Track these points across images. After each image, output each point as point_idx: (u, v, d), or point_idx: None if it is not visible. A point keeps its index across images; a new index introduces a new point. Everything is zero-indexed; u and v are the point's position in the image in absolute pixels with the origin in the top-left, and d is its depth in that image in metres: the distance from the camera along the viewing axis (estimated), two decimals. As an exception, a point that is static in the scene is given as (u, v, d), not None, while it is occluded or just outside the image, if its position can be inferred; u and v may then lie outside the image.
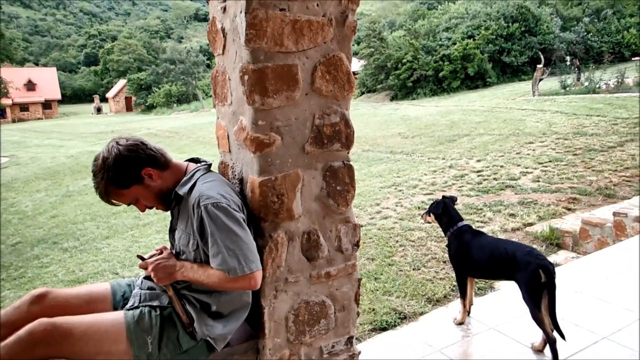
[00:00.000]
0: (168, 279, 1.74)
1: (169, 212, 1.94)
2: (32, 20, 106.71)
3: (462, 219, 2.92)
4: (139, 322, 1.72)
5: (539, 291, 2.40)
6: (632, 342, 2.57)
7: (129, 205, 1.83)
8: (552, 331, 2.40)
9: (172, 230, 1.92)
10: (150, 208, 1.87)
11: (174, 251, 1.87)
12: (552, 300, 2.38)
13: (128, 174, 1.75)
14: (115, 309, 1.87)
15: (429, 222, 3.12)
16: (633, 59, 26.38)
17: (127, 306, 1.81)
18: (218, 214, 1.65)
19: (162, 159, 1.83)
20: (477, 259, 2.73)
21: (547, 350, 2.50)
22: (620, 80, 15.82)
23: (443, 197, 3.03)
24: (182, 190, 1.80)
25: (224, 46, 1.92)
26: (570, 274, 3.53)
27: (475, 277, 2.93)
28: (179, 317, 1.77)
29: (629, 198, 5.62)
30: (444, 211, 2.95)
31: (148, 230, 7.11)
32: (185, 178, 1.84)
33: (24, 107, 52.95)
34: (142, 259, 1.79)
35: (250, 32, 1.65)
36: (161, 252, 1.82)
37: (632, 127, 9.69)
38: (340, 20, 1.83)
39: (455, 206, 3.03)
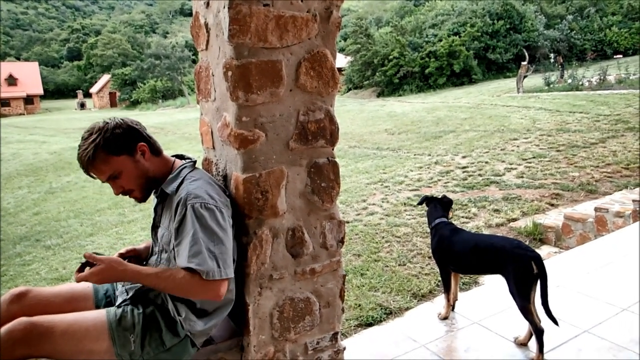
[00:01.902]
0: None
1: (152, 209, 1.92)
2: (13, 14, 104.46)
3: (441, 216, 2.94)
4: (121, 321, 1.70)
5: (530, 283, 2.42)
6: (613, 335, 2.62)
7: (107, 180, 1.76)
8: (540, 322, 2.43)
9: (154, 227, 1.91)
10: (125, 193, 1.80)
11: (157, 249, 1.85)
12: (545, 290, 2.41)
13: (125, 141, 1.74)
14: (97, 307, 1.85)
15: None
16: (615, 56, 26.85)
17: (117, 304, 1.80)
18: (204, 214, 1.63)
19: (156, 144, 1.87)
20: (459, 253, 2.75)
21: (530, 344, 2.55)
22: (602, 77, 16.08)
23: (443, 196, 3.09)
24: (170, 189, 1.78)
25: (208, 41, 1.90)
26: (553, 268, 3.57)
27: (458, 272, 2.95)
28: (162, 314, 1.75)
29: (611, 193, 5.71)
30: (427, 205, 3.02)
31: (132, 227, 7.05)
32: (172, 175, 1.82)
33: (5, 102, 51.81)
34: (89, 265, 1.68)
35: (234, 28, 1.64)
36: (125, 255, 1.86)
37: (614, 124, 9.85)
38: (325, 16, 1.82)
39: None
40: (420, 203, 3.15)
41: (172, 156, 1.96)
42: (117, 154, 1.72)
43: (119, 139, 1.72)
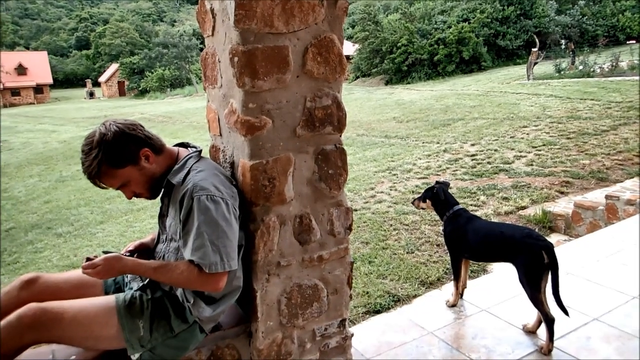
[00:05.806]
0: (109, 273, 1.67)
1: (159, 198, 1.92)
2: (22, 3, 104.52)
3: (457, 203, 2.92)
4: (130, 306, 1.71)
5: (540, 272, 2.40)
6: (622, 323, 2.60)
7: (117, 189, 1.78)
8: (550, 311, 2.41)
9: (161, 216, 1.91)
10: (137, 196, 1.82)
11: (164, 237, 1.86)
12: (556, 280, 2.38)
13: (126, 152, 1.70)
14: (106, 293, 1.86)
15: (422, 209, 3.11)
16: (627, 42, 26.39)
17: (133, 288, 1.81)
18: (210, 206, 1.63)
19: (158, 142, 1.82)
20: (473, 241, 2.73)
21: (538, 331, 2.54)
22: (614, 63, 15.81)
23: (437, 182, 3.02)
24: (176, 179, 1.76)
25: (214, 27, 1.88)
26: (563, 256, 3.53)
27: (471, 260, 2.93)
28: (171, 300, 1.76)
29: (622, 181, 5.64)
30: (437, 196, 2.94)
31: (142, 215, 7.11)
32: (177, 165, 1.81)
33: (15, 91, 52.25)
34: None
35: (240, 13, 1.62)
36: (134, 250, 1.89)
37: (626, 111, 9.70)
38: (332, 1, 1.79)
39: (449, 190, 3.03)
40: (430, 196, 2.96)
41: (176, 145, 1.95)
42: (121, 167, 1.71)
43: (120, 151, 1.69)
